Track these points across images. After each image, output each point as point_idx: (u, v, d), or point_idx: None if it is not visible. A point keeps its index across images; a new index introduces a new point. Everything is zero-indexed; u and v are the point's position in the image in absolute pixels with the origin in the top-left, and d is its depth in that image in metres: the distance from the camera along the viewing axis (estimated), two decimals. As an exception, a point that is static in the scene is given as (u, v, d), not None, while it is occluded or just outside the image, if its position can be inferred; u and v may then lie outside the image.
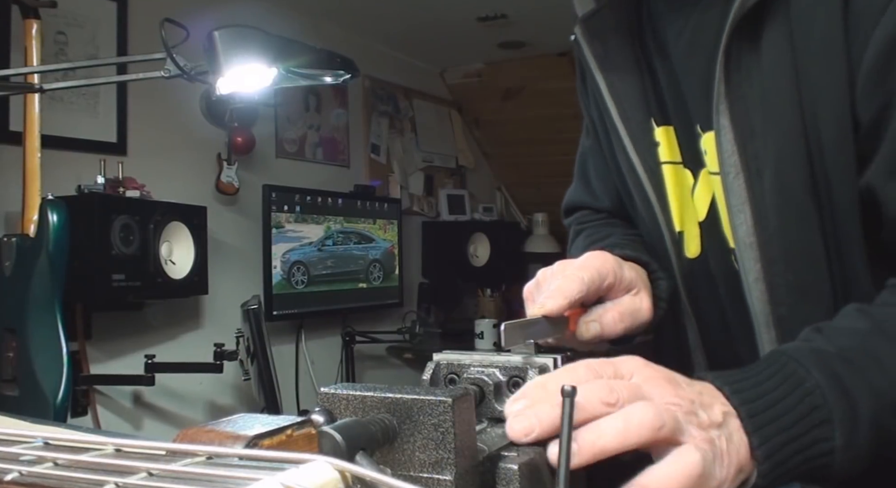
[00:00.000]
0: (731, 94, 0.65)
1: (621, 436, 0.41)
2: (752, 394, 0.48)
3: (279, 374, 3.14)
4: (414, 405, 0.36)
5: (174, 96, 2.82)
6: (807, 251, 0.64)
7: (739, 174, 0.66)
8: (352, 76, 1.44)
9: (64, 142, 2.48)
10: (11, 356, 1.71)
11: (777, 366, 0.50)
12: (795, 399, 0.48)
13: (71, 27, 2.58)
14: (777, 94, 0.63)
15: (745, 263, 0.67)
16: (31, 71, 1.68)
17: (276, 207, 3.21)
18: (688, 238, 0.80)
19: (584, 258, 0.67)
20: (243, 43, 1.28)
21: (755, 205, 0.65)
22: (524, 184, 4.83)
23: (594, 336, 0.66)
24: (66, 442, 0.30)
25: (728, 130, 0.65)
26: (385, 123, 4.14)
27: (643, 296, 0.70)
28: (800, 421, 0.48)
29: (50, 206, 1.77)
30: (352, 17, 3.63)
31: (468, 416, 0.37)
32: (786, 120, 0.63)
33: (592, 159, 0.96)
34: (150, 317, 2.79)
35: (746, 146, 0.65)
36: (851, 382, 0.49)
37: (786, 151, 0.63)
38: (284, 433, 0.33)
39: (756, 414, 0.47)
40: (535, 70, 4.23)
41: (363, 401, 0.37)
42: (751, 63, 0.64)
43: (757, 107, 0.64)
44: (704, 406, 0.46)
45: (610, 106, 0.81)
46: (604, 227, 0.93)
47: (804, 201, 0.63)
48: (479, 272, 4.31)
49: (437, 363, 0.51)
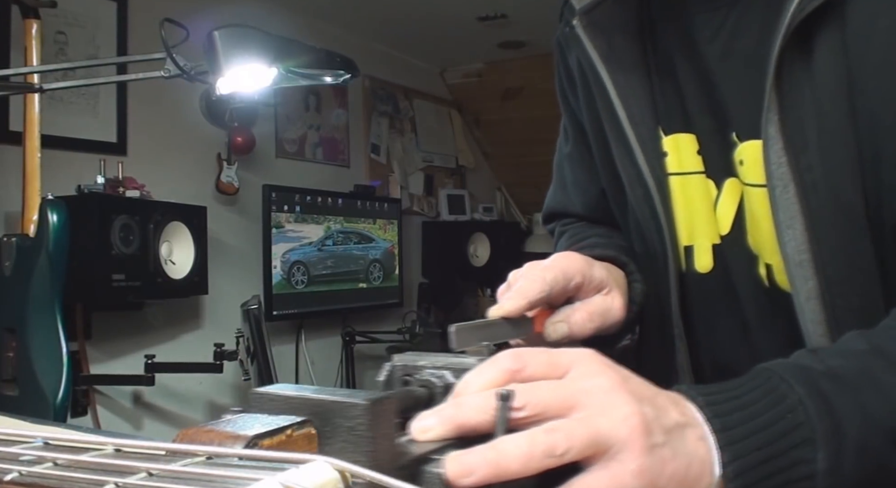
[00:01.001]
0: (781, 102, 0.61)
1: (525, 458, 0.37)
2: (728, 407, 0.44)
3: (279, 374, 3.15)
4: (333, 407, 0.35)
5: (174, 96, 2.82)
6: (866, 271, 0.61)
7: (788, 186, 0.62)
8: (352, 76, 1.44)
9: (64, 142, 2.49)
10: (11, 356, 1.71)
11: (759, 380, 0.47)
12: (776, 415, 0.44)
13: (71, 27, 2.58)
14: (832, 107, 0.60)
15: (796, 282, 0.63)
16: (31, 71, 1.68)
17: (276, 207, 3.21)
18: (698, 252, 0.76)
19: (551, 259, 0.66)
20: (243, 43, 1.28)
21: (809, 219, 0.62)
22: (524, 184, 4.82)
23: (562, 336, 0.64)
24: (66, 442, 0.30)
25: (777, 141, 0.62)
26: (385, 123, 4.14)
27: (615, 295, 0.68)
28: (779, 440, 0.44)
29: (50, 206, 1.77)
30: (352, 17, 3.63)
31: (387, 419, 0.36)
32: (842, 134, 0.60)
33: (570, 167, 0.92)
34: (150, 317, 2.79)
35: (799, 158, 0.61)
36: (839, 401, 0.45)
37: (843, 166, 0.60)
38: (284, 433, 0.33)
39: (731, 427, 0.43)
40: (535, 70, 4.22)
41: (287, 402, 0.37)
42: (802, 71, 0.61)
43: (810, 118, 0.61)
44: (658, 407, 0.42)
45: (619, 109, 0.75)
46: (587, 228, 0.90)
47: (861, 217, 0.60)
48: (479, 272, 4.31)
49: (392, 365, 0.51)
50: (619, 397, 0.41)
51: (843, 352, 0.50)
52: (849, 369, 0.47)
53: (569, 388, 0.41)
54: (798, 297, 0.63)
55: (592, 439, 0.39)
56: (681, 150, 0.75)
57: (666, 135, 0.75)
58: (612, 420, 0.40)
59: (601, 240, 0.82)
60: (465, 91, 4.66)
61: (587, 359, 0.43)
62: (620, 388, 0.41)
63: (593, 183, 0.88)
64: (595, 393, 0.41)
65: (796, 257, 0.62)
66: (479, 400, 0.40)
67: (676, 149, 0.75)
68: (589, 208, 0.91)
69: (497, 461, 0.36)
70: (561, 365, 0.43)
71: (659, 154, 0.75)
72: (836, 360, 0.48)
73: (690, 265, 0.76)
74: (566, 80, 0.85)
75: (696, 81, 0.72)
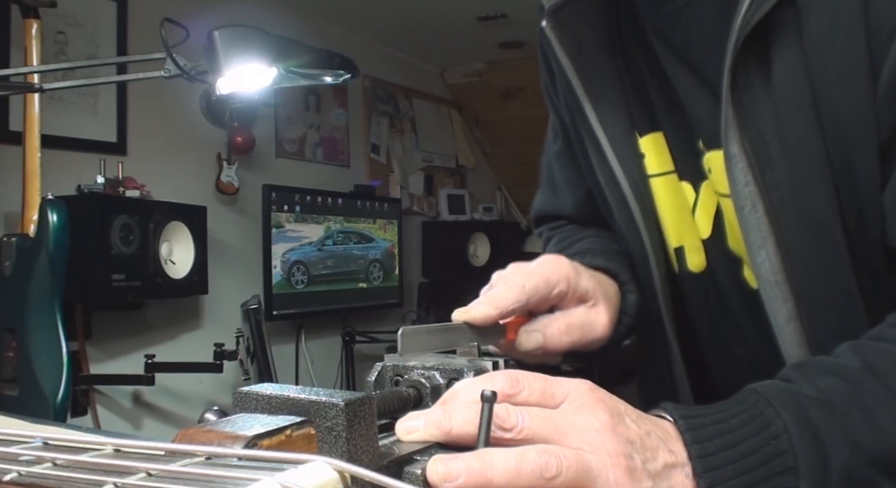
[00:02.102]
0: (740, 116, 0.57)
1: (512, 474, 0.36)
2: (710, 432, 0.43)
3: (279, 374, 3.15)
4: (311, 407, 0.36)
5: (174, 96, 2.82)
6: (845, 289, 0.57)
7: (757, 205, 0.58)
8: (352, 76, 1.44)
9: (64, 142, 2.49)
10: (11, 356, 1.71)
11: (746, 404, 0.45)
12: (759, 441, 0.43)
13: (71, 27, 2.58)
14: (795, 118, 0.56)
15: (772, 304, 0.60)
16: (31, 71, 1.68)
17: (276, 207, 3.21)
18: (689, 251, 0.73)
19: (536, 262, 0.62)
20: (243, 43, 1.28)
21: (780, 239, 0.58)
22: (524, 184, 4.82)
23: (535, 347, 0.61)
24: (66, 442, 0.30)
25: (740, 158, 0.58)
26: (385, 123, 4.14)
27: (600, 309, 0.64)
28: (760, 467, 0.42)
29: (50, 206, 1.77)
30: (352, 16, 3.63)
31: (366, 420, 0.36)
32: (808, 146, 0.56)
33: (559, 165, 0.89)
34: (149, 317, 2.79)
35: (765, 174, 0.57)
36: (826, 429, 0.44)
37: (812, 180, 0.56)
38: (283, 433, 0.33)
39: (709, 454, 0.42)
40: (535, 70, 4.19)
41: (269, 402, 0.37)
42: (760, 82, 0.57)
43: (772, 132, 0.57)
44: (647, 449, 0.41)
45: (588, 112, 0.72)
46: (577, 231, 0.87)
47: (835, 233, 0.56)
48: (479, 272, 4.31)
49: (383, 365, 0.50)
50: (609, 439, 0.40)
51: (834, 370, 0.48)
52: (839, 393, 0.46)
53: (558, 421, 0.40)
54: (776, 319, 0.60)
55: (583, 471, 0.38)
56: (656, 150, 0.72)
57: (641, 136, 0.72)
58: (600, 460, 0.39)
59: (594, 245, 0.78)
60: (465, 91, 4.66)
61: (583, 393, 0.42)
62: (611, 430, 0.41)
63: (581, 183, 0.85)
64: (586, 431, 0.40)
65: (770, 277, 0.59)
66: (467, 412, 0.40)
67: (654, 149, 0.72)
68: (579, 207, 0.88)
69: (481, 471, 0.36)
70: (556, 395, 0.42)
71: (635, 155, 0.72)
72: (826, 380, 0.46)
73: (683, 266, 0.74)
74: (548, 77, 0.82)
75: (659, 87, 0.70)
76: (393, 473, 0.37)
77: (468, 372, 0.47)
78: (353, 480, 0.27)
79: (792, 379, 0.47)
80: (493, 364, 0.49)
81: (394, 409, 0.45)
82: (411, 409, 0.45)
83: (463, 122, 4.78)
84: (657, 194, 0.72)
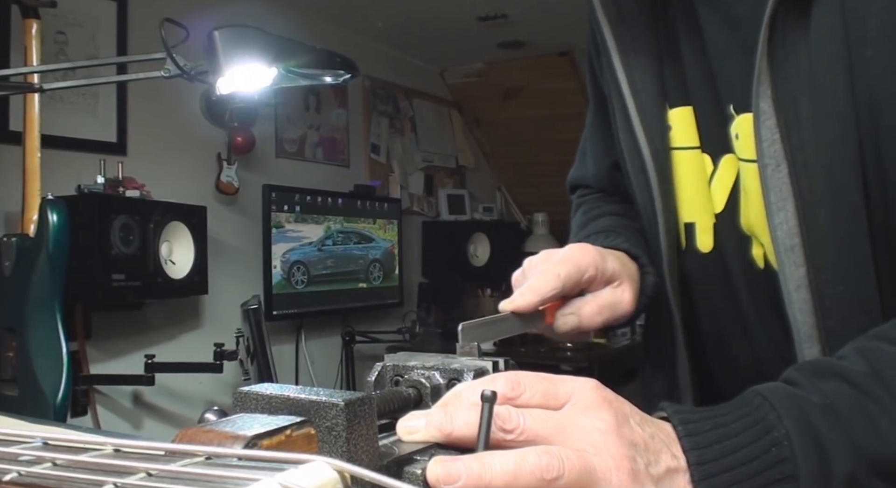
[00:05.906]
0: (774, 73, 0.57)
1: (511, 476, 0.36)
2: (709, 438, 0.42)
3: (279, 374, 3.15)
4: (311, 407, 0.36)
5: (174, 96, 2.82)
6: (858, 258, 0.57)
7: (781, 165, 0.58)
8: (352, 76, 1.44)
9: (64, 142, 2.48)
10: (11, 356, 1.71)
11: (749, 407, 0.44)
12: (760, 448, 0.42)
13: (71, 27, 2.58)
14: (829, 78, 0.55)
15: (786, 269, 0.60)
16: (31, 71, 1.68)
17: (276, 207, 3.21)
18: (700, 230, 0.74)
19: (565, 251, 0.66)
20: (243, 43, 1.28)
21: (801, 202, 0.58)
22: (524, 184, 4.83)
23: (572, 328, 0.65)
24: (65, 442, 0.30)
25: (769, 116, 0.58)
26: (385, 123, 4.14)
27: (625, 288, 0.67)
28: (759, 474, 0.42)
29: (50, 206, 1.77)
30: (352, 16, 3.63)
31: (366, 420, 0.36)
32: (838, 108, 0.55)
33: (589, 135, 0.92)
34: (149, 317, 2.79)
35: (791, 135, 0.57)
36: (830, 437, 0.43)
37: (839, 144, 0.56)
38: (283, 433, 0.33)
39: (707, 461, 0.42)
40: (535, 70, 4.22)
41: (269, 402, 0.37)
42: (798, 40, 0.56)
43: (804, 91, 0.56)
44: (651, 452, 0.41)
45: (621, 79, 0.73)
46: (600, 203, 0.90)
47: (856, 201, 0.56)
48: (479, 272, 4.31)
49: (384, 365, 0.51)
50: (613, 441, 0.40)
51: (840, 373, 0.47)
52: (843, 399, 0.45)
53: (561, 422, 0.40)
54: (787, 285, 0.61)
55: (586, 473, 0.38)
56: (684, 124, 0.73)
57: (671, 108, 0.73)
58: (604, 462, 0.39)
59: (615, 224, 0.81)
60: (465, 91, 4.66)
61: (587, 393, 0.42)
62: (615, 432, 0.40)
63: (607, 155, 0.88)
64: (589, 432, 0.40)
65: (787, 241, 0.60)
66: (469, 414, 0.40)
67: (681, 123, 0.73)
68: (599, 179, 0.91)
69: (480, 474, 0.36)
70: (559, 396, 0.42)
71: (662, 127, 0.73)
72: (831, 385, 0.46)
73: (691, 243, 0.75)
74: (593, 45, 0.83)
75: (696, 50, 0.70)
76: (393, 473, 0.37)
77: (467, 372, 0.47)
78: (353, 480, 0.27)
79: (796, 382, 0.47)
80: (493, 364, 0.49)
81: (394, 409, 0.45)
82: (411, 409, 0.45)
83: (463, 122, 4.77)
84: (677, 167, 0.74)
